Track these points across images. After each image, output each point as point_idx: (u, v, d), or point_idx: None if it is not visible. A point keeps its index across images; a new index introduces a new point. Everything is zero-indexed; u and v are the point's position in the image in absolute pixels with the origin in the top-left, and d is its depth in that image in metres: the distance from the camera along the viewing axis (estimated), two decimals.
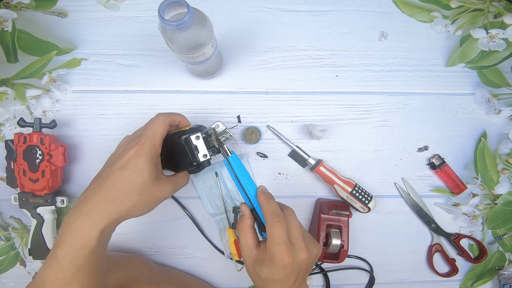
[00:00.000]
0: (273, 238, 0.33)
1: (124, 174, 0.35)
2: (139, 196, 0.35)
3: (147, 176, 0.36)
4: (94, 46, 0.52)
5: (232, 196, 0.52)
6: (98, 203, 0.34)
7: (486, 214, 0.55)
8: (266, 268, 0.34)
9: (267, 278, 0.34)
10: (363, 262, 0.55)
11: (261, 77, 0.53)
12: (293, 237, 0.34)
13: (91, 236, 0.33)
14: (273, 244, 0.33)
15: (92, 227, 0.33)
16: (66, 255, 0.32)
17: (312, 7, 0.54)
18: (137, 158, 0.35)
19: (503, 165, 0.55)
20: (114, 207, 0.34)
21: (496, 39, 0.55)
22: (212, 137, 0.41)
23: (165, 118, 0.39)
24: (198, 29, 0.38)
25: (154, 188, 0.36)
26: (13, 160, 0.48)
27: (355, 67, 0.54)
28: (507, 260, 0.56)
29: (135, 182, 0.35)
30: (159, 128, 0.38)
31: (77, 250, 0.32)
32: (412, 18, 0.55)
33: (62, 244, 0.33)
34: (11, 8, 0.52)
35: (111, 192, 0.34)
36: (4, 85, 0.51)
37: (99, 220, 0.33)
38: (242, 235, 0.37)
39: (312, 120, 0.53)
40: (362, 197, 0.50)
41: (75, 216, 0.34)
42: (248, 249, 0.36)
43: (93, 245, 0.33)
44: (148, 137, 0.37)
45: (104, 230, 0.34)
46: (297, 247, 0.34)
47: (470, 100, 0.55)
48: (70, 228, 0.33)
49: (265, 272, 0.34)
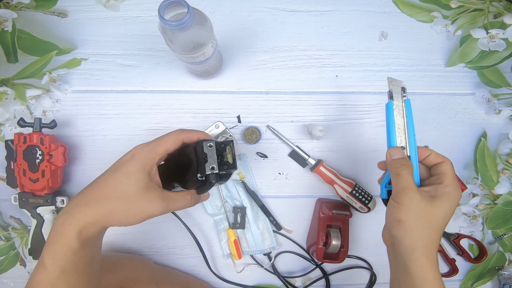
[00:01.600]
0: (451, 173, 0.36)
1: (113, 176, 0.33)
2: (118, 201, 0.32)
3: (133, 182, 0.33)
4: (94, 46, 0.52)
5: (232, 196, 0.52)
6: (79, 202, 0.33)
7: (486, 214, 0.55)
8: (442, 202, 0.35)
9: (441, 213, 0.35)
10: (363, 262, 0.55)
11: (261, 77, 0.53)
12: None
13: (70, 237, 0.31)
14: (452, 180, 0.36)
15: (71, 227, 0.31)
16: (49, 255, 0.31)
17: (312, 7, 0.54)
18: (130, 162, 0.34)
19: (503, 165, 0.55)
20: (91, 208, 0.32)
21: (496, 39, 0.55)
22: (228, 151, 0.36)
23: (180, 133, 0.36)
24: (198, 29, 0.38)
25: (139, 198, 0.33)
26: (13, 160, 0.48)
27: (355, 67, 0.54)
28: (507, 260, 0.56)
29: (119, 185, 0.33)
30: (168, 141, 0.36)
31: (59, 250, 0.31)
32: (412, 18, 0.55)
33: (47, 245, 0.32)
34: (11, 8, 0.52)
35: (93, 193, 0.33)
36: (4, 85, 0.51)
37: (77, 221, 0.32)
38: (408, 176, 0.36)
39: (312, 120, 0.53)
40: (362, 197, 0.50)
41: (59, 215, 0.33)
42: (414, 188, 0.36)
43: (75, 247, 0.31)
44: (150, 144, 0.35)
45: (82, 232, 0.31)
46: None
47: (470, 100, 0.55)
48: (54, 227, 0.32)
49: (440, 207, 0.35)
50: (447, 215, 0.35)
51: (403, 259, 0.35)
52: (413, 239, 0.34)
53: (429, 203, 0.34)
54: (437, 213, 0.35)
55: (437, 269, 0.35)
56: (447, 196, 0.35)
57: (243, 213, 0.51)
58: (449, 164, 0.37)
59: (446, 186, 0.36)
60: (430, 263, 0.34)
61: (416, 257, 0.34)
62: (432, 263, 0.34)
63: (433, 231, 0.35)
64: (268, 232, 0.52)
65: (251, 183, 0.53)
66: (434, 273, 0.34)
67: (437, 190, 0.36)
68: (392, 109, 0.39)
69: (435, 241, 0.35)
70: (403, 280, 0.36)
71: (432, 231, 0.35)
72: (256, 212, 0.52)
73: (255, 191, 0.52)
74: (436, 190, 0.36)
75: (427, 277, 0.34)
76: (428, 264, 0.34)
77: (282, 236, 0.54)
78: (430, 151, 0.39)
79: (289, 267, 0.54)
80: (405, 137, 0.39)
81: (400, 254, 0.36)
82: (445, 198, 0.35)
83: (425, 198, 0.35)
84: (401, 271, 0.36)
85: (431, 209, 0.34)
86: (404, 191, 0.35)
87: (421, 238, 0.34)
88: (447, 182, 0.36)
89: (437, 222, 0.35)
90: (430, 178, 0.38)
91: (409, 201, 0.34)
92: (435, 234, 0.35)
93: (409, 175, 0.36)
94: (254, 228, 0.51)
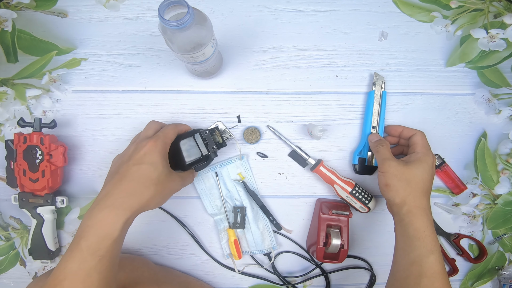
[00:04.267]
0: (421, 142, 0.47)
1: (141, 168, 0.38)
2: (157, 187, 0.39)
3: (161, 169, 0.39)
4: (94, 46, 0.52)
5: (232, 196, 0.52)
6: (121, 195, 0.37)
7: (486, 214, 0.55)
8: (415, 165, 0.44)
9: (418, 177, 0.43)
10: (363, 262, 0.55)
11: (261, 77, 0.53)
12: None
13: (115, 227, 0.35)
14: (421, 147, 0.46)
15: (117, 218, 0.35)
16: (90, 245, 0.34)
17: (312, 7, 0.54)
18: (151, 153, 0.39)
19: (503, 165, 0.55)
20: (136, 198, 0.37)
21: (496, 39, 0.55)
22: (217, 133, 0.48)
23: (176, 126, 0.45)
24: (198, 29, 0.38)
25: (168, 180, 0.40)
26: (13, 160, 0.48)
27: (355, 67, 0.54)
28: (507, 260, 0.56)
29: (152, 174, 0.39)
30: (170, 132, 0.43)
31: (101, 240, 0.34)
32: (412, 18, 0.55)
33: (86, 235, 0.34)
34: (11, 8, 0.52)
35: (132, 185, 0.37)
36: (4, 85, 0.51)
37: (123, 211, 0.36)
38: (385, 150, 0.46)
39: (312, 120, 0.53)
40: (362, 197, 0.50)
41: (100, 208, 0.36)
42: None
43: (115, 236, 0.35)
44: (160, 137, 0.41)
45: (127, 221, 0.36)
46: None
47: (470, 100, 0.55)
48: (94, 219, 0.35)
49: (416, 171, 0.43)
50: (424, 175, 0.43)
51: (398, 215, 0.43)
52: (401, 196, 0.42)
53: (405, 167, 0.43)
54: (413, 173, 0.43)
55: (428, 219, 0.41)
56: (418, 160, 0.44)
57: (243, 213, 0.51)
58: (418, 135, 0.48)
59: (418, 153, 0.45)
60: (420, 213, 0.41)
61: (407, 210, 0.41)
62: (422, 213, 0.41)
63: (415, 189, 0.42)
64: (268, 232, 0.52)
65: (251, 183, 0.53)
66: (424, 223, 0.41)
67: (410, 157, 0.46)
68: (373, 97, 0.52)
69: (421, 195, 0.42)
70: (399, 232, 0.43)
71: (414, 188, 0.42)
72: (256, 212, 0.52)
73: (255, 191, 0.52)
74: (410, 157, 0.46)
75: (417, 225, 0.40)
76: (418, 214, 0.41)
77: (282, 236, 0.54)
78: (402, 127, 0.50)
79: (289, 267, 0.54)
80: (377, 119, 0.52)
81: (396, 212, 0.43)
82: (417, 162, 0.44)
83: (401, 163, 0.44)
84: (399, 226, 0.43)
85: (407, 171, 0.43)
86: (384, 161, 0.44)
87: (407, 194, 0.42)
88: (418, 149, 0.46)
89: (416, 180, 0.43)
90: (408, 149, 0.49)
91: (388, 168, 0.43)
92: (418, 191, 0.42)
93: (386, 150, 0.46)
94: (254, 228, 0.51)
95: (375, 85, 0.52)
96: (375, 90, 0.52)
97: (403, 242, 0.41)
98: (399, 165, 0.43)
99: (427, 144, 0.47)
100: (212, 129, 0.48)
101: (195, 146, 0.45)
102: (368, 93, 0.53)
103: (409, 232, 0.40)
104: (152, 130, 0.44)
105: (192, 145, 0.45)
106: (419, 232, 0.40)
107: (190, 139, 0.45)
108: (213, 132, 0.48)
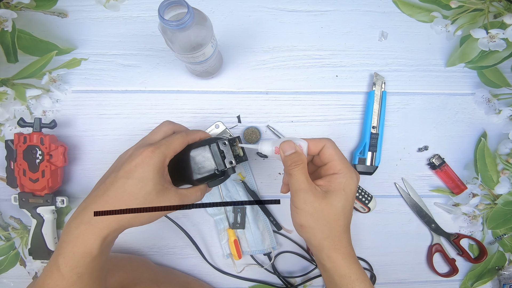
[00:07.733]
0: (336, 157, 0.36)
1: (127, 183, 0.34)
2: (143, 206, 0.34)
3: (152, 187, 0.34)
4: (94, 46, 0.52)
5: (232, 196, 0.52)
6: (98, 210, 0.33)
7: (486, 214, 0.55)
8: (336, 196, 0.34)
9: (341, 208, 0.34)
10: (363, 262, 0.55)
11: (261, 77, 0.53)
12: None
13: (92, 246, 0.32)
14: (340, 164, 0.36)
15: (94, 236, 0.32)
16: (67, 263, 0.32)
17: (312, 7, 0.54)
18: (143, 166, 0.34)
19: (503, 165, 0.55)
20: (115, 216, 0.33)
21: (496, 39, 0.55)
22: (237, 143, 0.40)
23: (186, 135, 0.38)
24: (198, 29, 0.38)
25: (158, 200, 0.35)
26: (13, 160, 0.48)
27: (355, 67, 0.54)
28: (507, 260, 0.56)
29: (138, 192, 0.34)
30: (176, 142, 0.37)
31: (78, 258, 0.32)
32: (412, 18, 0.55)
33: (63, 252, 0.32)
34: (11, 8, 0.52)
35: (112, 202, 0.33)
36: (4, 85, 0.51)
37: (100, 230, 0.33)
38: (299, 175, 0.35)
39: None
40: (362, 197, 0.50)
41: (76, 224, 0.33)
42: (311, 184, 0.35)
43: (94, 254, 0.32)
44: (160, 147, 0.35)
45: (105, 239, 0.33)
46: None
47: (470, 100, 0.55)
48: (71, 236, 0.33)
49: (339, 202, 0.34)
50: (346, 207, 0.35)
51: (317, 259, 0.36)
52: (318, 239, 0.34)
53: (324, 201, 0.34)
54: (334, 210, 0.34)
55: (351, 261, 0.35)
56: (341, 187, 0.34)
57: (243, 213, 0.51)
58: (329, 148, 0.36)
59: (339, 175, 0.35)
60: (342, 257, 0.34)
61: (326, 255, 0.35)
62: (344, 256, 0.35)
63: (336, 226, 0.34)
64: (268, 232, 0.52)
65: (251, 183, 0.53)
66: (348, 266, 0.34)
67: (330, 183, 0.35)
68: (373, 97, 0.51)
69: (341, 234, 0.35)
70: (325, 278, 0.37)
71: (334, 227, 0.34)
72: (256, 212, 0.52)
73: (255, 191, 0.52)
74: (330, 183, 0.35)
75: (342, 272, 0.34)
76: (340, 259, 0.34)
77: (282, 236, 0.54)
78: (305, 142, 0.36)
79: (289, 267, 0.54)
80: (377, 119, 0.51)
81: (314, 254, 0.36)
82: (339, 192, 0.34)
83: (318, 196, 0.34)
84: (322, 270, 0.37)
85: (327, 208, 0.34)
86: (297, 193, 0.34)
87: (326, 237, 0.34)
88: (337, 169, 0.35)
89: (337, 217, 0.34)
90: (324, 167, 0.37)
91: (303, 204, 0.34)
92: (339, 228, 0.35)
93: (300, 173, 0.34)
94: (254, 228, 0.51)
95: (375, 85, 0.52)
96: (375, 90, 0.52)
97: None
98: (317, 200, 0.34)
99: (343, 157, 0.36)
100: (233, 139, 0.40)
101: (210, 159, 0.38)
102: (368, 93, 0.53)
103: (335, 280, 0.35)
104: (160, 134, 0.38)
105: (206, 157, 0.38)
106: (346, 278, 0.34)
107: (205, 149, 0.38)
108: (233, 142, 0.40)
